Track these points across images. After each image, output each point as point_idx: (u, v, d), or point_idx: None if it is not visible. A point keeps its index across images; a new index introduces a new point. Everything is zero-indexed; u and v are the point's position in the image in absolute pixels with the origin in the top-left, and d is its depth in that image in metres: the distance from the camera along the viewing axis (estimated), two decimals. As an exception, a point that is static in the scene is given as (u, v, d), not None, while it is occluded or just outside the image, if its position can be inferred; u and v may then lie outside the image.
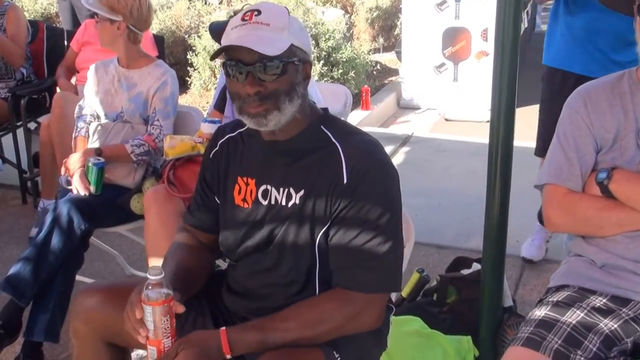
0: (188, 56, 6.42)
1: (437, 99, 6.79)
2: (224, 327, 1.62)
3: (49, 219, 2.66)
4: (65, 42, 4.62)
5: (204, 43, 6.29)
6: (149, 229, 2.53)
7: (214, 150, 1.84)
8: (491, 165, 2.38)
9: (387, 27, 9.14)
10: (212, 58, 1.67)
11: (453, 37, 6.69)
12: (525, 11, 8.26)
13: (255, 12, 1.60)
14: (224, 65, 1.62)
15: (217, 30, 2.74)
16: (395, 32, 9.04)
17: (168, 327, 1.57)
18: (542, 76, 3.29)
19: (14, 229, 4.01)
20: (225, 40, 1.61)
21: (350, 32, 8.27)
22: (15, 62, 4.28)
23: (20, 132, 4.29)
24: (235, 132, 1.80)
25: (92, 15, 5.39)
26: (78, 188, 2.79)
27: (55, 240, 2.61)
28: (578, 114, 1.87)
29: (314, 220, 1.63)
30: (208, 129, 2.62)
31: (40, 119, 4.51)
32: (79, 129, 3.07)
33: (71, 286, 2.70)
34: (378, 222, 1.59)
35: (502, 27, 2.29)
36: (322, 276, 1.67)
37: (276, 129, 1.65)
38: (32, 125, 4.41)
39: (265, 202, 1.70)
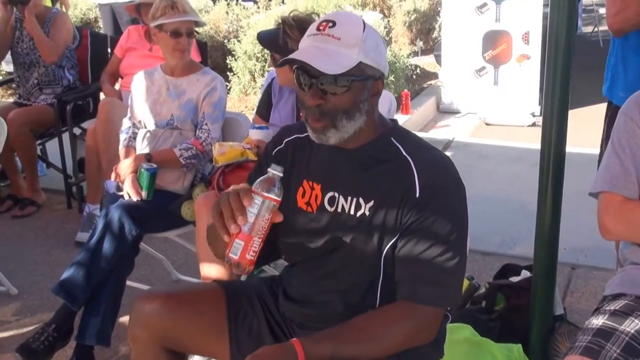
0: (227, 61, 6.49)
1: (477, 103, 6.77)
2: (295, 339, 1.60)
3: (100, 224, 2.72)
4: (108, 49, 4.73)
5: (244, 47, 6.36)
6: (200, 235, 2.58)
7: (277, 148, 1.84)
8: (543, 171, 2.38)
9: (425, 30, 9.14)
10: (280, 65, 1.70)
11: (494, 40, 6.66)
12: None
13: (330, 24, 1.61)
14: (294, 70, 1.64)
15: (264, 39, 2.78)
16: (434, 35, 9.02)
17: (265, 227, 1.50)
18: (607, 114, 2.84)
19: (60, 233, 4.10)
20: (297, 49, 1.64)
21: (389, 35, 8.28)
22: (48, 57, 4.33)
23: (65, 138, 4.39)
24: (304, 134, 1.78)
25: (134, 20, 5.53)
26: (130, 193, 2.86)
27: (107, 246, 2.68)
28: (633, 120, 1.87)
29: (382, 232, 1.65)
30: (257, 135, 2.67)
31: (84, 124, 4.61)
32: (123, 141, 3.14)
33: (122, 291, 2.77)
34: (447, 237, 1.61)
35: (556, 28, 2.26)
36: (385, 287, 1.69)
37: (341, 142, 1.67)
38: (76, 131, 4.51)
39: (331, 209, 1.71)
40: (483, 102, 6.73)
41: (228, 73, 6.54)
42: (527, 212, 3.98)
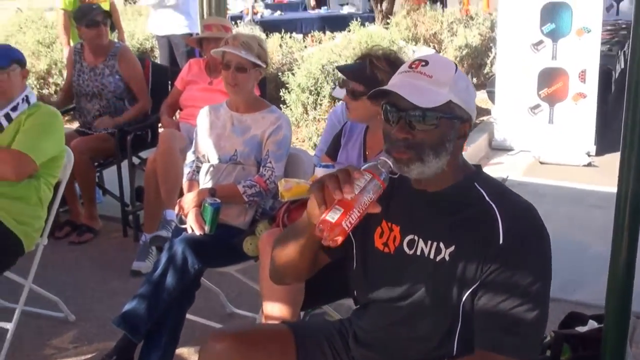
0: (280, 93, 6.55)
1: (531, 140, 6.69)
2: None
3: (164, 257, 2.75)
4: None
5: (297, 80, 6.41)
6: (264, 272, 2.58)
7: None
8: (618, 216, 2.31)
9: (476, 65, 9.11)
10: (370, 97, 1.72)
11: (549, 78, 6.60)
12: (622, 51, 8.10)
13: (423, 63, 1.65)
14: (382, 105, 1.66)
15: (349, 71, 2.73)
16: (485, 71, 8.99)
17: (366, 205, 1.52)
18: None
19: (116, 261, 4.15)
20: (388, 84, 1.67)
21: (440, 70, 8.26)
22: (145, 107, 4.62)
23: (124, 166, 4.47)
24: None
25: (190, 52, 5.64)
26: (193, 227, 2.89)
27: (170, 279, 2.70)
28: None
29: (462, 279, 1.63)
30: (323, 174, 2.66)
31: (142, 154, 4.69)
32: (187, 175, 3.19)
33: (182, 324, 2.79)
34: (530, 288, 1.59)
35: (636, 68, 2.22)
36: (463, 335, 1.66)
37: (421, 179, 1.67)
38: (135, 160, 4.58)
39: (410, 252, 1.71)
40: (537, 140, 6.65)
41: (281, 105, 6.60)
42: (587, 256, 3.88)
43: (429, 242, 1.68)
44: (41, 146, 3.11)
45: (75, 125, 5.19)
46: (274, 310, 2.46)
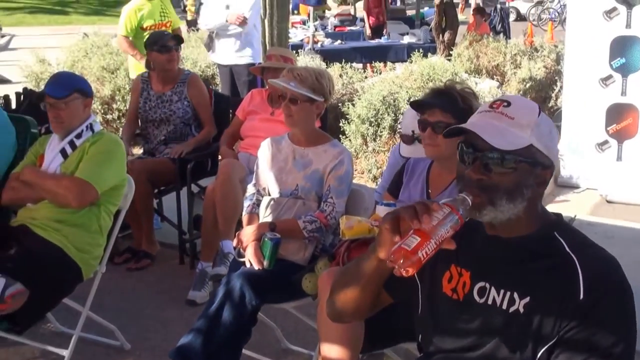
0: (340, 123, 6.53)
1: (599, 178, 6.48)
2: None
3: (221, 292, 2.73)
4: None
5: (358, 111, 6.38)
6: (322, 311, 2.52)
7: None
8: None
9: (540, 98, 8.92)
10: (447, 136, 1.66)
11: (618, 114, 6.40)
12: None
13: (505, 103, 1.61)
14: (458, 144, 1.61)
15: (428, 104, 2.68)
16: (550, 104, 8.80)
17: (443, 237, 1.48)
18: None
19: (171, 290, 4.16)
20: (467, 122, 1.63)
21: (503, 103, 8.12)
22: (211, 133, 4.69)
23: (183, 194, 4.48)
24: None
25: (251, 82, 5.69)
26: (251, 261, 2.86)
27: (227, 314, 2.67)
28: None
29: (538, 334, 1.54)
30: (385, 212, 2.60)
31: (200, 182, 4.71)
32: (247, 208, 3.17)
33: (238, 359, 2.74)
34: (613, 349, 1.50)
35: None
36: None
37: (495, 224, 1.60)
38: (194, 188, 4.60)
39: (481, 301, 1.63)
40: (605, 177, 6.44)
41: (340, 136, 6.57)
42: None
43: (502, 291, 1.61)
44: (103, 174, 3.14)
45: (139, 151, 5.27)
46: (332, 351, 2.40)
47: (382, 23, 13.46)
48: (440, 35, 11.01)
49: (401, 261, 1.44)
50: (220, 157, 4.43)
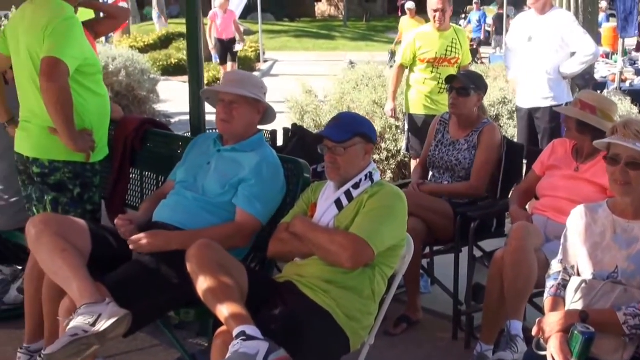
0: None
1: None
2: None
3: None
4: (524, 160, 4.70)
5: None
6: None
7: None
8: None
9: None
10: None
11: None
12: None
13: None
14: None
15: None
16: None
17: None
18: None
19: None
20: None
21: None
22: (475, 191, 4.64)
23: (462, 257, 4.38)
24: None
25: (554, 129, 5.46)
26: (555, 357, 2.70)
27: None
28: None
29: None
30: None
31: (482, 244, 4.57)
32: (550, 289, 3.03)
33: None
34: None
35: None
36: None
37: None
38: (476, 252, 4.47)
39: None
40: None
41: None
42: None
43: None
44: (381, 232, 3.16)
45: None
46: None
47: None
48: None
49: None
50: (509, 218, 4.27)
